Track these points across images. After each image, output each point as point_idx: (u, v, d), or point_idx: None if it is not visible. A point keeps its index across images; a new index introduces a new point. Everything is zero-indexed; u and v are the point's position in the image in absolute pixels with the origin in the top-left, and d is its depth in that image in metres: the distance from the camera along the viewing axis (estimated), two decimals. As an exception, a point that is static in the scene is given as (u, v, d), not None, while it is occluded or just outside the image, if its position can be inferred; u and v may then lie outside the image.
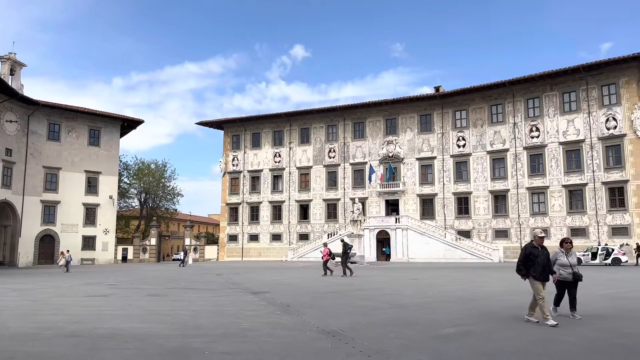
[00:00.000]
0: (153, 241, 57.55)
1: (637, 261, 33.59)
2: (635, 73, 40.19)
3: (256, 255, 55.74)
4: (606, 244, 36.58)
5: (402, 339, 7.68)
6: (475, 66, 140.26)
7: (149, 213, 67.95)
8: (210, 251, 60.17)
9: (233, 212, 58.79)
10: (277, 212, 56.50)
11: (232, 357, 6.54)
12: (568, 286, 9.66)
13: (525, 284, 9.65)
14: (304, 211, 55.45)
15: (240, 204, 58.19)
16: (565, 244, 9.76)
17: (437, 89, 52.34)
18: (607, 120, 41.15)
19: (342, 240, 26.53)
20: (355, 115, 53.99)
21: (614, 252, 33.59)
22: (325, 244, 26.81)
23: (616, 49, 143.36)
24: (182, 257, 43.41)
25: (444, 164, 48.91)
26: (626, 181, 39.75)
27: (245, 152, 58.87)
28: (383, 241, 47.69)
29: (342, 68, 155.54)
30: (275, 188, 57.05)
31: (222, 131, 60.93)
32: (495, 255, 41.74)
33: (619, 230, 39.68)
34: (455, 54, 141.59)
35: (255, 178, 58.18)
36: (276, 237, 55.94)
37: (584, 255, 34.73)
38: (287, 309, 11.45)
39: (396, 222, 46.95)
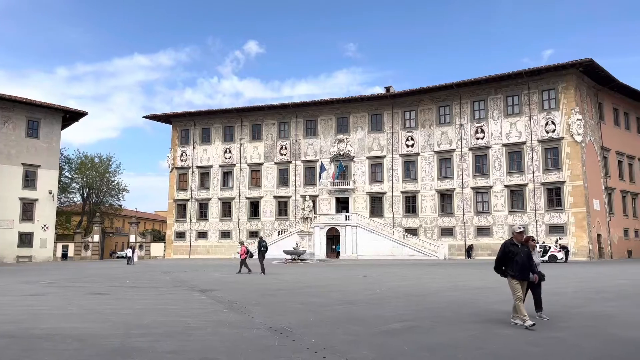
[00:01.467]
0: (96, 238, 55.49)
1: (566, 258, 35.32)
2: (573, 79, 42.33)
3: (204, 253, 54.84)
4: (544, 242, 38.37)
5: (348, 335, 7.76)
6: (426, 68, 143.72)
7: (92, 209, 65.37)
8: (157, 248, 58.68)
9: (181, 208, 57.56)
10: (226, 209, 55.78)
11: (176, 356, 6.40)
12: (532, 286, 9.21)
13: (465, 279, 9.96)
14: (254, 208, 55.03)
15: (188, 200, 57.04)
16: (531, 241, 9.29)
17: (387, 89, 53.20)
18: (547, 123, 43.15)
19: (260, 238, 26.27)
20: (308, 113, 54.07)
21: (551, 250, 35.31)
22: (242, 243, 26.42)
23: (557, 56, 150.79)
24: (128, 255, 42.05)
25: (393, 163, 49.82)
26: (563, 182, 41.84)
27: (194, 148, 57.74)
28: (333, 238, 48.06)
29: (296, 66, 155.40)
30: (225, 184, 56.29)
31: (171, 126, 59.50)
32: (441, 253, 42.94)
33: (556, 229, 41.73)
34: (407, 56, 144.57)
35: (204, 174, 57.18)
36: (225, 235, 55.24)
37: (523, 252, 36.23)
38: (234, 306, 11.32)
39: (346, 219, 47.42)
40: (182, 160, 58.01)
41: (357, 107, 52.07)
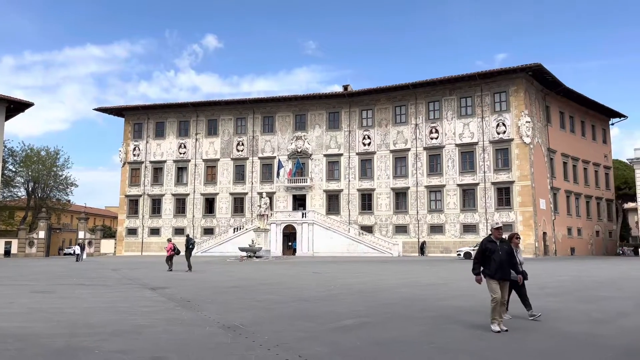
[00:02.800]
0: (42, 234, 53.26)
1: None
2: (523, 83, 43.91)
3: (157, 250, 53.56)
4: (493, 240, 39.62)
5: (302, 332, 7.77)
6: (383, 69, 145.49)
7: (37, 204, 62.62)
8: (107, 245, 56.93)
9: (133, 204, 56.02)
10: (180, 205, 54.72)
11: (124, 356, 6.23)
12: (516, 286, 8.73)
13: (417, 276, 10.16)
14: (209, 205, 54.23)
15: (141, 196, 55.58)
16: (515, 239, 8.89)
17: (345, 87, 53.58)
18: (498, 125, 44.59)
19: (187, 235, 25.92)
20: (265, 109, 53.74)
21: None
22: (169, 240, 26.02)
23: (509, 60, 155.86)
24: (77, 251, 40.54)
25: (350, 161, 50.24)
26: (512, 182, 43.38)
27: (147, 142, 56.30)
28: (290, 236, 48.03)
29: (255, 62, 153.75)
30: (179, 180, 55.19)
31: (123, 119, 57.78)
32: (395, 250, 43.68)
33: (505, 227, 42.86)
34: (366, 56, 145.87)
35: (158, 169, 55.87)
36: (179, 231, 54.12)
37: (473, 249, 37.45)
38: (187, 304, 11.14)
39: (303, 217, 47.48)
40: (134, 155, 56.45)
41: (315, 105, 52.18)
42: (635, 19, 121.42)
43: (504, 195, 43.90)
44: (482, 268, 7.87)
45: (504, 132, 44.18)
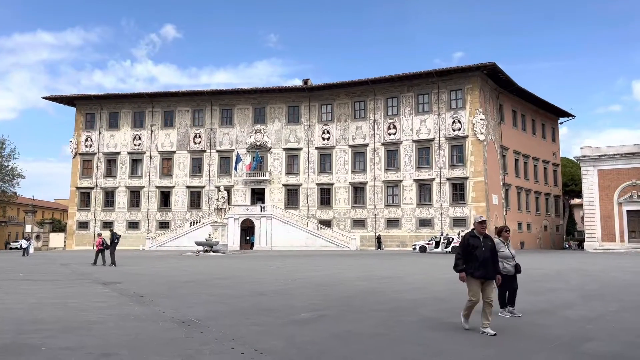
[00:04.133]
0: (-14, 228, 50.73)
1: None
2: (478, 81, 45.07)
3: (110, 244, 52.04)
4: (447, 234, 40.67)
5: (258, 326, 7.74)
6: (343, 64, 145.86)
7: (-19, 196, 59.57)
8: (57, 239, 54.89)
9: (84, 197, 54.19)
10: (135, 198, 53.31)
11: (72, 352, 6.03)
12: (511, 280, 8.54)
13: (374, 269, 10.29)
14: (165, 198, 53.10)
15: (93, 188, 53.82)
16: (504, 232, 8.64)
17: (305, 81, 53.49)
18: (454, 122, 45.63)
19: (111, 230, 25.37)
20: (224, 102, 52.99)
21: (454, 241, 37.51)
22: (99, 234, 25.30)
23: (466, 59, 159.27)
24: (23, 245, 38.78)
25: (310, 156, 50.28)
26: (466, 178, 44.53)
27: (101, 133, 54.50)
28: (248, 230, 47.69)
29: (215, 53, 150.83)
30: (133, 173, 53.74)
31: (75, 109, 55.68)
32: (353, 244, 44.12)
33: (459, 222, 44.39)
34: (326, 51, 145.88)
35: (111, 161, 54.19)
36: (133, 225, 52.84)
37: (428, 244, 38.32)
38: (140, 299, 10.88)
39: (261, 211, 47.23)
40: (86, 146, 54.55)
41: (275, 98, 51.87)
42: (585, 23, 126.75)
43: (458, 190, 45.02)
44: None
45: (460, 129, 45.25)
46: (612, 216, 43.63)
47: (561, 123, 59.52)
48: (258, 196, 51.37)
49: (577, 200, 62.45)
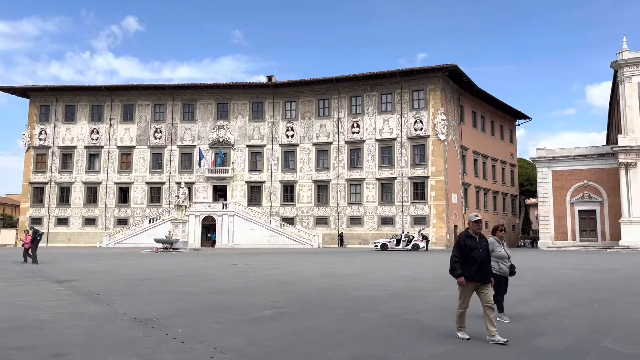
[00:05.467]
0: None
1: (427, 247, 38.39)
2: (440, 82, 45.91)
3: (65, 241, 50.41)
4: (408, 232, 41.31)
5: (218, 324, 7.65)
6: (308, 62, 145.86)
7: None
8: (8, 236, 52.72)
9: (38, 192, 52.21)
10: (92, 194, 51.74)
11: (22, 352, 5.80)
12: (505, 283, 8.15)
13: (335, 266, 10.32)
14: (123, 194, 51.76)
15: (47, 183, 51.92)
16: (499, 232, 8.08)
17: (269, 78, 53.15)
18: (416, 122, 46.34)
19: (32, 228, 24.51)
20: (186, 96, 52.05)
21: (414, 239, 38.13)
22: (27, 231, 24.32)
23: (430, 60, 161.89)
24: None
25: (273, 153, 50.04)
26: (427, 177, 45.32)
27: (56, 126, 52.60)
28: (209, 227, 47.07)
29: (178, 48, 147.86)
30: (91, 168, 52.13)
31: (29, 100, 53.55)
32: (315, 241, 44.22)
33: (420, 220, 45.15)
34: (291, 48, 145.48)
35: (67, 155, 52.41)
36: (90, 222, 51.29)
37: (389, 241, 38.78)
38: (95, 297, 10.57)
39: (223, 208, 46.70)
40: (40, 139, 52.57)
41: (239, 94, 51.34)
42: (543, 30, 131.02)
43: (419, 189, 45.77)
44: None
45: (421, 129, 45.99)
46: (564, 215, 45.33)
47: (518, 125, 61.41)
48: (220, 193, 50.77)
49: (532, 200, 64.64)
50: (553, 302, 10.10)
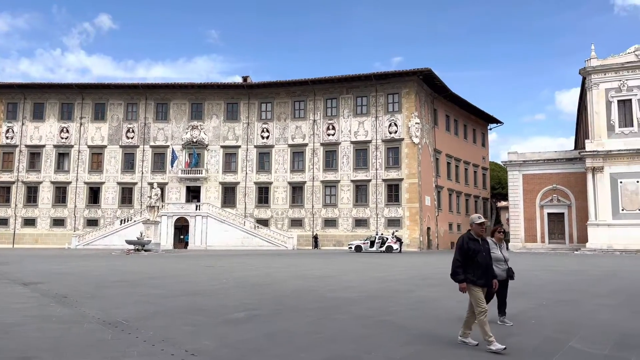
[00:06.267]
0: None
1: (400, 248, 38.81)
2: (414, 86, 46.42)
3: (32, 242, 49.06)
4: (382, 234, 41.60)
5: (190, 326, 7.56)
6: (285, 63, 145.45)
7: None
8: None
9: (4, 192, 50.70)
10: (61, 194, 50.52)
11: (-15, 358, 5.62)
12: (504, 285, 7.91)
13: (309, 268, 10.32)
14: (94, 194, 50.70)
15: (13, 182, 50.48)
16: (497, 233, 7.89)
17: (245, 79, 52.88)
18: (390, 125, 46.74)
19: None
20: (159, 96, 51.33)
21: (388, 241, 38.43)
22: None
23: (405, 64, 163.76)
24: None
25: (248, 154, 49.77)
26: (401, 179, 45.75)
27: (24, 124, 51.21)
28: (182, 228, 46.49)
29: (153, 47, 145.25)
30: (60, 167, 50.92)
31: (-4, 97, 52.00)
32: (290, 243, 44.13)
33: (393, 222, 45.52)
34: (268, 49, 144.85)
35: (35, 154, 51.06)
36: (58, 222, 50.07)
37: (364, 243, 39.00)
38: (63, 300, 10.32)
39: (196, 209, 46.21)
40: (7, 138, 51.09)
41: (214, 94, 50.90)
42: (515, 37, 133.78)
43: (393, 191, 46.16)
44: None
45: (396, 132, 46.41)
46: (534, 218, 46.36)
47: (490, 129, 62.58)
48: (194, 194, 50.20)
49: (503, 203, 65.87)
50: (522, 303, 10.31)
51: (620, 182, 41.25)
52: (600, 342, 6.80)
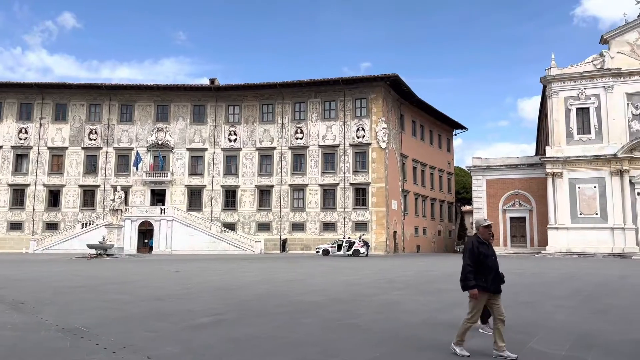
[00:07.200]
0: None
1: (367, 252, 39.09)
2: (381, 91, 46.91)
3: (-12, 247, 47.13)
4: (349, 237, 41.80)
5: (153, 332, 7.40)
6: (253, 67, 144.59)
7: None
8: None
9: (-42, 194, 48.58)
10: (18, 197, 48.73)
11: None
12: None
13: (276, 272, 10.26)
14: (54, 198, 49.13)
15: (-31, 185, 48.43)
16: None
17: (212, 81, 52.35)
18: (358, 129, 47.08)
19: None
20: (124, 97, 50.23)
21: (355, 244, 38.65)
22: None
23: (372, 69, 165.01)
24: None
25: (215, 157, 49.21)
26: (368, 184, 46.11)
27: (-20, 124, 49.22)
28: (146, 232, 45.53)
29: (118, 47, 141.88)
30: (17, 169, 49.13)
31: (-51, 95, 49.84)
32: (257, 247, 43.81)
33: (361, 226, 45.79)
34: (236, 52, 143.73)
35: (-8, 156, 49.15)
36: (16, 226, 48.27)
37: (331, 247, 39.10)
38: (19, 307, 9.95)
39: (161, 212, 45.35)
40: (-38, 138, 49.00)
41: (180, 96, 50.15)
42: (479, 44, 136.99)
43: (361, 195, 46.47)
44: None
45: (363, 136, 46.78)
46: (497, 222, 47.43)
47: (455, 135, 63.76)
48: (158, 197, 49.27)
49: (467, 207, 67.23)
50: (485, 305, 10.51)
51: (579, 187, 42.70)
52: (559, 342, 7.00)
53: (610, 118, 42.30)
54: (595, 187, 42.26)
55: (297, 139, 48.33)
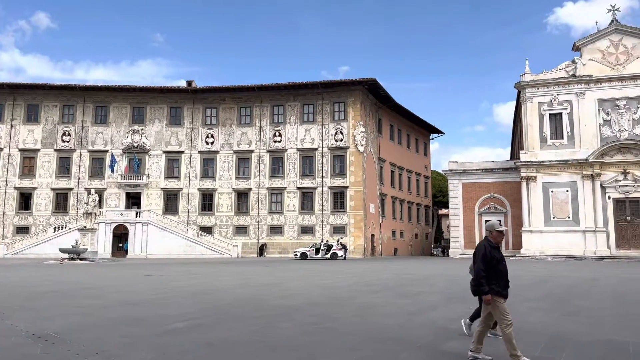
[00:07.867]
0: None
1: (345, 255, 39.19)
2: (360, 95, 47.17)
3: (-45, 251, 45.68)
4: (327, 241, 41.83)
5: (127, 338, 7.27)
6: (232, 70, 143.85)
7: None
8: None
9: None
10: (-11, 199, 47.45)
11: None
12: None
13: (253, 276, 10.19)
14: (25, 200, 47.97)
15: None
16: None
17: (189, 83, 51.91)
18: (336, 133, 47.23)
19: None
20: (99, 98, 49.40)
21: (333, 248, 38.68)
22: None
23: (351, 73, 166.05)
24: None
25: (192, 160, 48.74)
26: (346, 187, 46.26)
27: (-52, 125, 47.79)
28: (121, 236, 44.78)
29: (94, 48, 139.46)
30: (-12, 171, 47.86)
31: None
32: (234, 251, 43.48)
33: (339, 229, 45.88)
34: (214, 55, 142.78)
35: (-40, 157, 47.74)
36: (-15, 230, 46.94)
37: (309, 250, 39.05)
38: (-12, 313, 9.66)
39: (137, 216, 44.67)
40: None
41: (156, 98, 49.56)
42: (456, 51, 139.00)
43: (339, 199, 46.57)
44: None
45: (342, 140, 46.94)
46: (473, 225, 48.07)
47: (432, 139, 64.50)
48: (134, 200, 48.53)
49: (444, 211, 67.95)
50: (461, 308, 10.62)
51: (552, 191, 43.57)
52: (532, 343, 7.11)
53: (582, 123, 43.31)
54: (567, 191, 43.17)
55: (275, 142, 48.21)
